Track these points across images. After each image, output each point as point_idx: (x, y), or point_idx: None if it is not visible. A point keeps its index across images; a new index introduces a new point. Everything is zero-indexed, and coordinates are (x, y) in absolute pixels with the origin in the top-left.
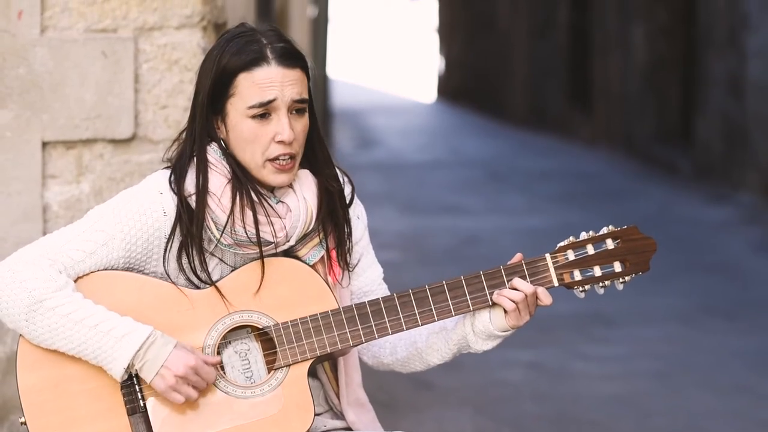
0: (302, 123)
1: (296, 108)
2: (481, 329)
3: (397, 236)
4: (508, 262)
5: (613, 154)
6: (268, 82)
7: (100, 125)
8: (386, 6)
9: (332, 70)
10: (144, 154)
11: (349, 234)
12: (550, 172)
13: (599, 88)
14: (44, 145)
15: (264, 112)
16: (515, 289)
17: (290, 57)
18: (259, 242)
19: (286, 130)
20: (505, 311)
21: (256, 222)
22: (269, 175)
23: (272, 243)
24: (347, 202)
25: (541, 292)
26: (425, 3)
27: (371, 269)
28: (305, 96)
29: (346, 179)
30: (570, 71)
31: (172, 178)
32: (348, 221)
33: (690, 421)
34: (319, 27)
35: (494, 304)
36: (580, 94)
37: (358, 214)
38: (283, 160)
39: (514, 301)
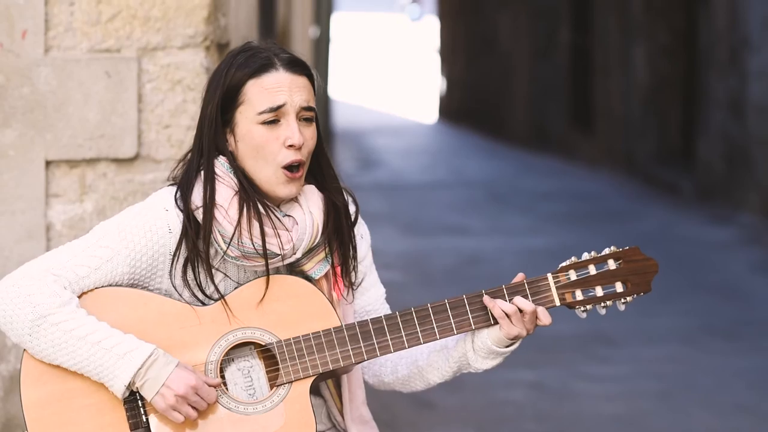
0: (310, 131)
1: (304, 116)
2: (480, 345)
3: (398, 257)
4: (511, 282)
5: (614, 174)
6: (277, 86)
7: (104, 145)
8: (387, 27)
9: (334, 90)
10: (147, 174)
11: (354, 253)
12: (552, 193)
13: (600, 108)
14: (48, 164)
15: (274, 117)
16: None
17: (297, 64)
18: (265, 254)
19: (296, 134)
20: (495, 320)
21: (263, 233)
22: (278, 185)
23: (279, 255)
24: (352, 220)
25: (541, 311)
26: (426, 23)
27: (374, 289)
28: (312, 104)
29: (350, 199)
30: (571, 92)
31: (178, 195)
32: (353, 240)
33: None
34: (321, 47)
35: (496, 322)
36: (581, 114)
37: (362, 233)
38: (293, 169)
39: (504, 311)
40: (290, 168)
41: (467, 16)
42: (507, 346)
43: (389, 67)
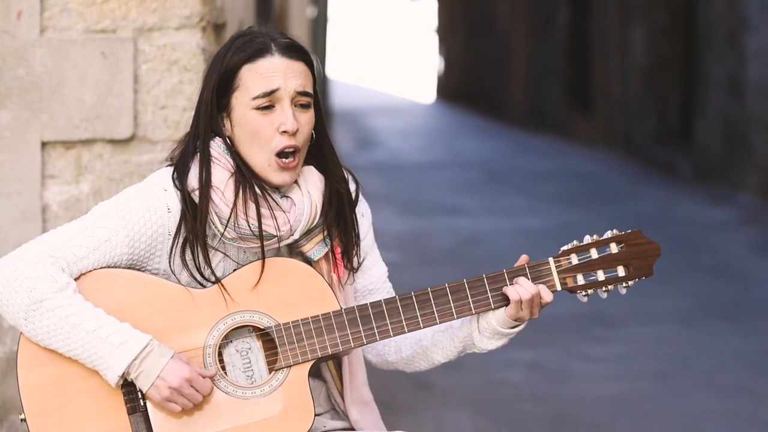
0: (306, 117)
1: (300, 102)
2: (485, 326)
3: (396, 237)
4: (514, 265)
5: (612, 155)
6: (271, 71)
7: (100, 126)
8: (385, 6)
9: (332, 70)
10: (143, 155)
11: (357, 239)
12: (550, 173)
13: (599, 89)
14: (43, 145)
15: (268, 103)
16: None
17: (294, 49)
18: (261, 235)
19: (290, 119)
20: (507, 303)
21: (259, 215)
22: (272, 173)
23: (275, 236)
24: (353, 200)
25: (542, 288)
26: (425, 3)
27: (376, 267)
28: (309, 90)
29: (350, 177)
30: (569, 72)
31: (175, 175)
32: (355, 227)
33: (690, 422)
34: (319, 27)
35: (497, 307)
36: (579, 95)
37: (362, 212)
38: (288, 156)
39: (519, 295)
40: (284, 155)
41: None
42: (512, 327)
43: (387, 47)
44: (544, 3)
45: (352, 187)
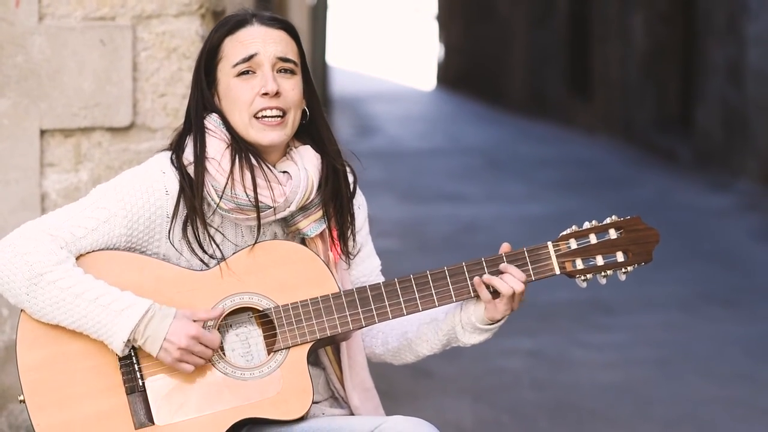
0: (290, 83)
1: (282, 67)
2: (466, 321)
3: (396, 224)
4: (497, 252)
5: (612, 141)
6: (250, 38)
7: (99, 113)
8: None
9: (332, 57)
10: (142, 143)
11: (352, 219)
12: (550, 160)
13: (599, 75)
14: (42, 133)
15: (248, 68)
16: (506, 280)
17: (273, 19)
18: (257, 204)
19: (270, 81)
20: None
21: (255, 184)
22: (257, 134)
23: (271, 207)
24: (351, 192)
25: (513, 269)
26: None
27: (370, 260)
28: (291, 57)
29: (348, 169)
30: (569, 59)
31: (173, 157)
32: (351, 206)
33: (689, 408)
34: (319, 14)
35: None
36: (579, 81)
37: (359, 204)
38: (269, 115)
39: (499, 292)
40: (263, 114)
41: None
42: (494, 323)
43: (387, 34)
44: None
45: (350, 179)
